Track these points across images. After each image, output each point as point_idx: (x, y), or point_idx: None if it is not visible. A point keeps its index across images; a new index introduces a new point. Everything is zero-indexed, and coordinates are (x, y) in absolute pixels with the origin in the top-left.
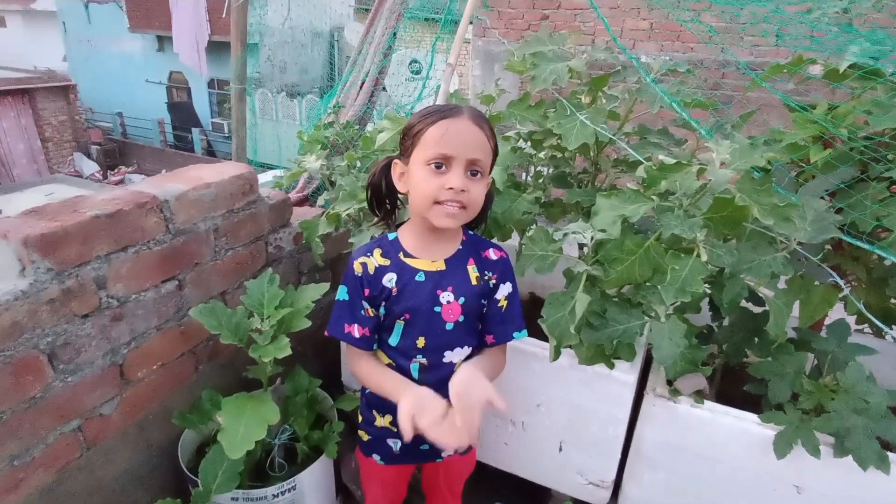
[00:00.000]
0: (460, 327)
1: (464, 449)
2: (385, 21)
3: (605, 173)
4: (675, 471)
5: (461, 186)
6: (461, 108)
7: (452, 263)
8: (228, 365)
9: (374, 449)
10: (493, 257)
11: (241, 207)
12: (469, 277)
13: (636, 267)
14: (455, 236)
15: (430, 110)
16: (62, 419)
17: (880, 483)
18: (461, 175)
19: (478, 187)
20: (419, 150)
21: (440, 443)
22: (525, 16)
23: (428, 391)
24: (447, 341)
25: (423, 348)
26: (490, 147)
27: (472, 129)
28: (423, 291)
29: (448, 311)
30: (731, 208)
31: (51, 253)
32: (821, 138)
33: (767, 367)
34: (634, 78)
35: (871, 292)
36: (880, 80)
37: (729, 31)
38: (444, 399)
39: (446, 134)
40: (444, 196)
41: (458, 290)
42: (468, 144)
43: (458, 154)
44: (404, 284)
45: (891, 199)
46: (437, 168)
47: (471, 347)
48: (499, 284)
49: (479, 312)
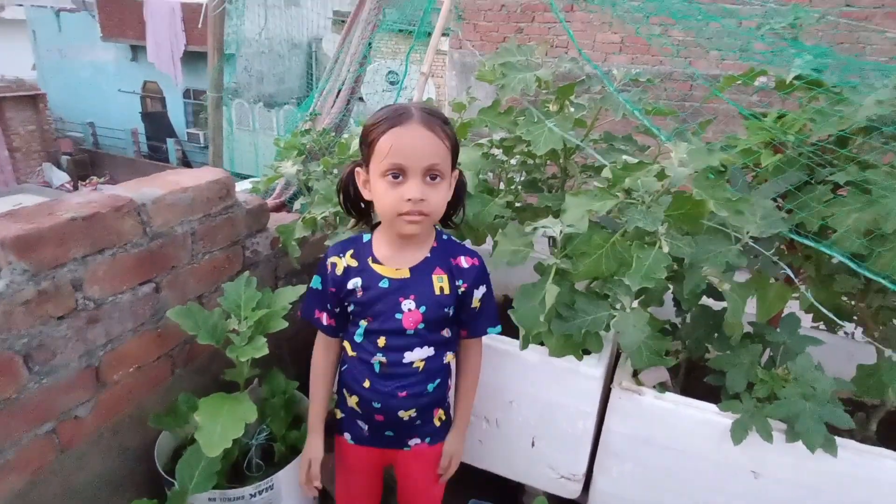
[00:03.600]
0: (421, 332)
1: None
2: (361, 31)
3: (574, 178)
4: (642, 462)
5: (419, 196)
6: (410, 112)
7: (417, 273)
8: (205, 369)
9: (345, 427)
10: (465, 265)
11: (218, 212)
12: (433, 287)
13: (603, 261)
14: (424, 242)
15: (380, 117)
16: (36, 421)
17: (829, 466)
18: (418, 184)
19: (438, 192)
20: (374, 160)
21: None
22: (500, 28)
23: (317, 456)
24: (407, 344)
25: (383, 348)
26: (446, 147)
27: (423, 135)
28: (386, 298)
29: (409, 319)
30: (690, 205)
31: (27, 254)
32: (771, 144)
33: (726, 360)
34: (599, 87)
35: (822, 289)
36: (822, 89)
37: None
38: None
39: (396, 144)
40: (405, 207)
41: (420, 299)
42: (421, 152)
43: (412, 163)
44: (369, 289)
45: (835, 200)
46: (395, 178)
47: (432, 347)
48: (472, 290)
49: (441, 320)
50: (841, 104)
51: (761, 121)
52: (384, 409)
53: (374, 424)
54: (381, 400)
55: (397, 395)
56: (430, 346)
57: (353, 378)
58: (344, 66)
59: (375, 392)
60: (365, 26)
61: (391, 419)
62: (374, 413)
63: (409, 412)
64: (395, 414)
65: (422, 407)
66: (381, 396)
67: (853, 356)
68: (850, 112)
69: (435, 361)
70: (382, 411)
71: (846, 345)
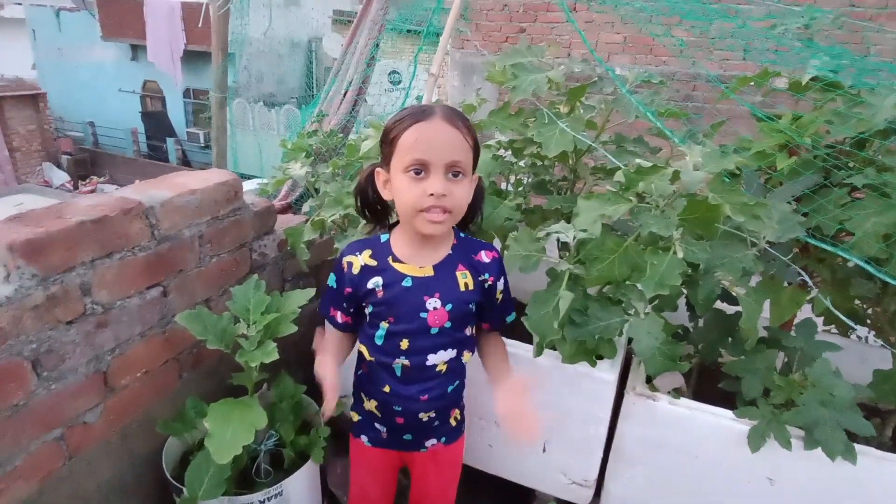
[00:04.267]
0: (445, 332)
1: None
2: (368, 31)
3: (584, 181)
4: (654, 468)
5: (442, 191)
6: (434, 109)
7: (441, 270)
8: (213, 373)
9: (362, 430)
10: (487, 259)
11: (225, 214)
12: (458, 284)
13: (616, 266)
14: (445, 241)
15: (403, 114)
16: (45, 427)
17: (847, 473)
18: (441, 179)
19: (460, 188)
20: (397, 157)
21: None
22: (503, 28)
23: (331, 382)
24: (431, 345)
25: (406, 350)
26: (469, 145)
27: (446, 130)
28: (410, 297)
29: (434, 317)
30: (705, 209)
31: (36, 259)
32: (786, 147)
33: (741, 365)
34: (610, 89)
35: (836, 293)
36: (839, 91)
37: (699, 45)
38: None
39: (420, 138)
40: (427, 203)
41: (445, 296)
42: (444, 147)
43: (436, 158)
44: (390, 289)
45: (852, 203)
46: (417, 174)
47: (455, 350)
48: (496, 283)
49: (466, 316)
50: (859, 106)
51: (776, 123)
52: (405, 412)
53: (394, 427)
54: (402, 404)
55: (419, 398)
56: (452, 347)
57: (372, 383)
58: (351, 66)
59: (397, 396)
60: (372, 26)
61: (411, 422)
62: (394, 416)
63: (428, 413)
64: (415, 416)
65: (440, 409)
66: (402, 400)
67: (866, 360)
68: (868, 114)
69: (456, 363)
70: (403, 414)
71: (859, 348)
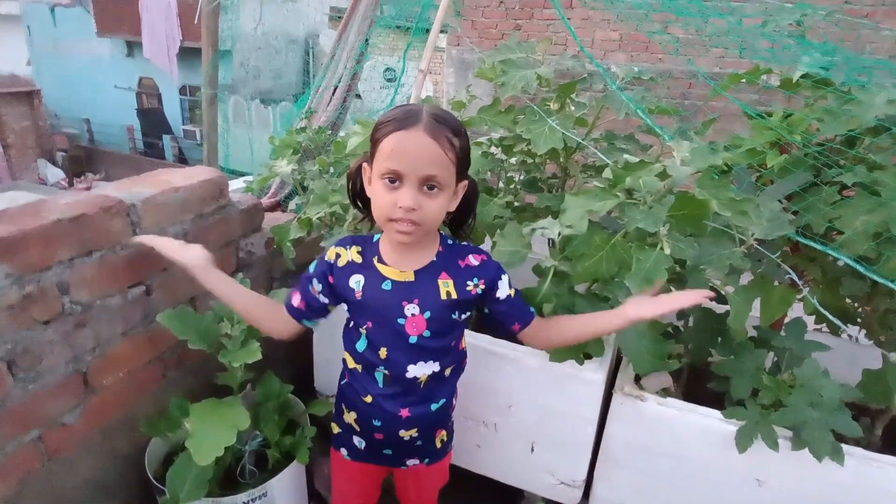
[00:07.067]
0: (425, 342)
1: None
2: (358, 27)
3: (574, 178)
4: (642, 469)
5: (411, 205)
6: (420, 116)
7: (422, 276)
8: (197, 372)
9: (342, 443)
10: (475, 262)
11: (211, 212)
12: (439, 291)
13: (603, 262)
14: (428, 247)
15: (390, 117)
16: (22, 428)
17: (835, 474)
18: (413, 192)
19: (434, 203)
20: (376, 161)
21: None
22: (499, 25)
23: (200, 264)
24: (410, 355)
25: (385, 359)
26: (449, 159)
27: (426, 143)
28: (389, 300)
29: (412, 324)
30: (693, 205)
31: (10, 257)
32: (777, 144)
33: (729, 365)
34: (601, 85)
35: (827, 292)
36: (830, 89)
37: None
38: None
39: (397, 148)
40: (396, 213)
41: (424, 303)
42: (421, 161)
43: (410, 171)
44: (370, 290)
45: (842, 201)
46: (391, 183)
47: (437, 363)
48: (495, 283)
49: (448, 327)
50: (849, 103)
51: (767, 120)
52: (384, 427)
53: (373, 441)
54: (382, 418)
55: (399, 413)
56: (434, 360)
57: (355, 392)
58: (340, 62)
59: (378, 408)
60: (362, 22)
61: (391, 439)
62: (373, 431)
63: (410, 431)
64: (395, 433)
65: (424, 427)
66: (382, 414)
67: (856, 360)
68: (859, 111)
69: (439, 379)
70: (382, 430)
71: (849, 348)
